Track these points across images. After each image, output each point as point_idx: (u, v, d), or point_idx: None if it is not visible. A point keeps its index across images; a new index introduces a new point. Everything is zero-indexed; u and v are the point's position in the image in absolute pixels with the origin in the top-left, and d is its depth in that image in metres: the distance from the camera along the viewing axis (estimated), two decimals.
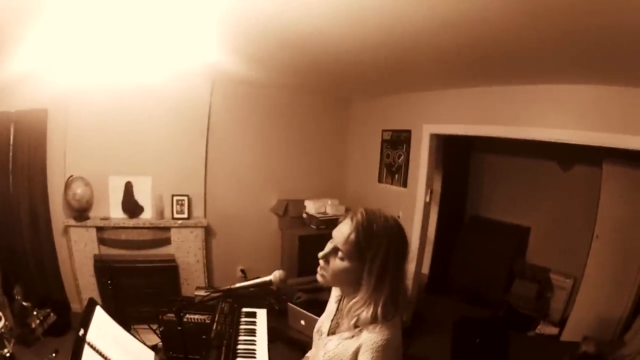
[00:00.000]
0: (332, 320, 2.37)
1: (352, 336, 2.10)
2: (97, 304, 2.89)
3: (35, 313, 6.01)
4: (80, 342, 2.43)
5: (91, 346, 2.46)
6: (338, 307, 2.38)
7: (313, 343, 2.58)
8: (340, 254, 2.10)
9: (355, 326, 2.10)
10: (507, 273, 7.51)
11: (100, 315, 2.82)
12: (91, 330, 2.60)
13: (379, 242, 2.02)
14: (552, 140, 4.89)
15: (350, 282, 2.12)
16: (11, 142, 6.62)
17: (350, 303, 2.12)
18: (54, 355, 5.56)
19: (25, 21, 3.67)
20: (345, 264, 2.09)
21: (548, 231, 7.43)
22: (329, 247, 2.16)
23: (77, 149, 6.77)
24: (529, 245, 7.72)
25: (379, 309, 2.00)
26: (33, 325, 6.03)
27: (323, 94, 7.79)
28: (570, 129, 4.72)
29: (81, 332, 2.51)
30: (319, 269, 2.20)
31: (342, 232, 2.11)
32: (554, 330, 6.68)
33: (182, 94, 6.89)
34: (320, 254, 2.19)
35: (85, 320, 2.66)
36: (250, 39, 4.30)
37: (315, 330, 2.49)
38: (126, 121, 6.79)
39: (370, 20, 3.14)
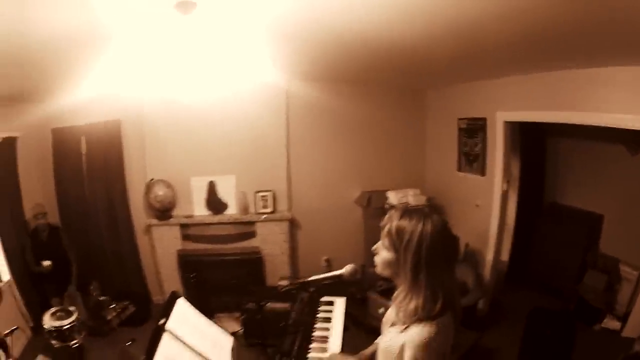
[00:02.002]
0: (395, 313, 2.40)
1: (401, 332, 2.17)
2: (179, 296, 3.06)
3: (113, 306, 6.37)
4: (159, 329, 2.59)
5: (170, 333, 2.62)
6: None
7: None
8: (383, 242, 2.22)
9: (405, 322, 2.17)
10: (580, 263, 7.18)
11: (181, 306, 2.98)
12: (171, 319, 2.75)
13: (410, 237, 2.08)
14: (619, 127, 4.69)
15: (395, 274, 2.21)
16: (83, 152, 7.05)
17: (394, 294, 2.25)
18: (129, 343, 5.82)
19: (94, 49, 3.88)
20: (386, 254, 2.20)
21: (620, 219, 6.96)
22: None
23: (156, 154, 7.16)
24: (602, 233, 7.25)
25: (419, 305, 2.07)
26: (109, 317, 6.38)
27: (397, 86, 7.78)
28: (636, 114, 4.51)
29: (162, 320, 2.67)
30: None
31: (383, 224, 2.24)
32: (617, 325, 6.30)
33: (259, 97, 7.09)
34: (373, 247, 2.31)
35: (166, 310, 2.82)
36: (317, 50, 4.42)
37: (383, 321, 2.55)
38: (205, 125, 7.09)
39: (438, 13, 3.13)
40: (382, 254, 2.22)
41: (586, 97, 4.90)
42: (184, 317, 2.92)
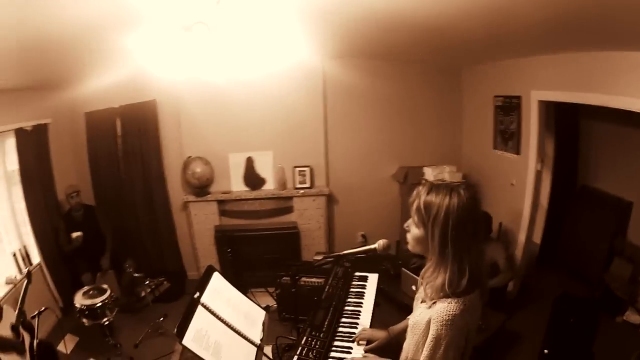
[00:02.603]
0: (423, 289, 2.47)
1: (429, 307, 2.24)
2: (215, 270, 3.18)
3: (147, 282, 6.49)
4: (195, 302, 2.71)
5: (204, 306, 2.73)
6: None
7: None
8: (412, 221, 2.29)
9: (432, 297, 2.24)
10: (608, 249, 6.97)
11: (216, 280, 3.11)
12: (206, 292, 2.89)
13: (437, 211, 2.13)
14: None
15: (425, 250, 2.26)
16: (119, 133, 7.26)
17: (422, 270, 2.32)
18: (162, 319, 5.96)
19: (124, 32, 3.95)
20: (415, 231, 2.26)
21: None
22: None
23: (193, 131, 7.33)
24: (630, 221, 7.03)
25: (446, 280, 2.14)
26: (143, 294, 6.52)
27: (434, 62, 7.75)
28: None
29: (197, 294, 2.78)
30: None
31: (412, 200, 2.29)
32: (638, 319, 6.13)
33: (296, 73, 7.11)
34: (405, 224, 2.37)
35: (202, 284, 2.95)
36: (351, 27, 4.46)
37: (415, 297, 2.63)
38: (242, 102, 7.17)
39: None
40: (413, 230, 2.28)
41: (622, 81, 4.75)
42: (219, 291, 3.04)
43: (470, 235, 2.16)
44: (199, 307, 2.72)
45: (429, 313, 2.21)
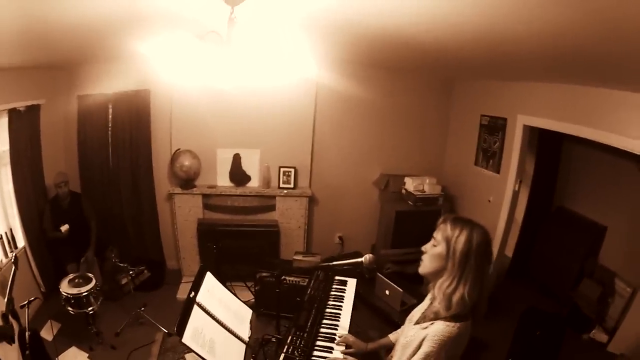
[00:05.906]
0: (422, 313, 2.69)
1: (425, 327, 2.44)
2: (207, 270, 3.37)
3: (129, 272, 6.50)
4: (190, 302, 2.90)
5: (199, 305, 2.92)
6: (431, 303, 2.65)
7: (402, 327, 2.98)
8: (433, 240, 2.49)
9: (437, 315, 2.43)
10: (578, 270, 7.19)
11: (209, 280, 3.30)
12: (201, 292, 3.06)
13: (461, 233, 2.36)
14: (631, 151, 4.67)
15: (439, 267, 2.42)
16: (110, 120, 7.29)
17: (439, 282, 2.43)
18: (142, 309, 6.08)
19: (131, 31, 4.08)
20: (436, 248, 2.44)
21: (622, 234, 6.90)
22: None
23: (184, 124, 7.42)
24: (603, 245, 7.22)
25: (465, 294, 2.31)
26: (123, 282, 6.67)
27: (426, 74, 7.92)
28: None
29: (192, 294, 2.97)
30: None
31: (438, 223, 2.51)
32: (604, 338, 6.33)
33: (289, 77, 7.09)
34: (422, 247, 2.57)
35: (197, 284, 3.13)
36: (349, 41, 4.60)
37: (408, 317, 2.86)
38: (234, 99, 7.20)
39: (471, 22, 3.23)
40: (431, 250, 2.49)
41: (605, 116, 4.94)
42: (211, 291, 3.22)
43: (487, 263, 2.40)
44: (195, 307, 2.90)
45: (424, 332, 2.41)
